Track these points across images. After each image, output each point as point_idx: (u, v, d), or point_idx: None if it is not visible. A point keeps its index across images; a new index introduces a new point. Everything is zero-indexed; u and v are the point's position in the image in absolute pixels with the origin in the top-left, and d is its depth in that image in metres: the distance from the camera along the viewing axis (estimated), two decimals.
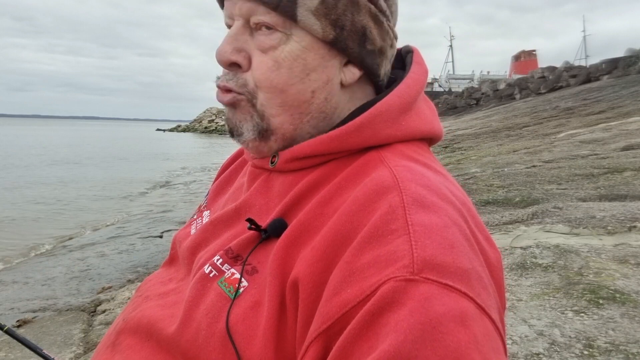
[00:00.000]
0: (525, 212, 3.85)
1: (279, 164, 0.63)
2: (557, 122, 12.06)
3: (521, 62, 67.76)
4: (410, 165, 0.56)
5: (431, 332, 0.39)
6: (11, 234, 7.75)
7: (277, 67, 0.58)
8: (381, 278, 0.44)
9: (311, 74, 0.59)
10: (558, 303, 2.15)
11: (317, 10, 0.56)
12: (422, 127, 0.63)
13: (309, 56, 0.58)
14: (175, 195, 12.04)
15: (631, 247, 2.77)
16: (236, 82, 0.60)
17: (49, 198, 11.31)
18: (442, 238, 0.46)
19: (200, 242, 0.68)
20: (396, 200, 0.50)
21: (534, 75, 26.44)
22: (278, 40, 0.58)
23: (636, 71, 19.04)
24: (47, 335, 3.43)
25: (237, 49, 0.59)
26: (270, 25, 0.57)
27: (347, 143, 0.59)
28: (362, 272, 0.45)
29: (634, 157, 5.71)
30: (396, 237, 0.46)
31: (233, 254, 0.59)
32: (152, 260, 6.12)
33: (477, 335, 0.41)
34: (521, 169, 6.21)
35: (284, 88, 0.59)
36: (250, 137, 0.62)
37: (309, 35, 0.58)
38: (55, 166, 19.14)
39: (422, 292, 0.42)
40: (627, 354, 1.70)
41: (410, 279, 0.43)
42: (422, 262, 0.43)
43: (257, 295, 0.54)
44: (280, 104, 0.60)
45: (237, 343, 0.51)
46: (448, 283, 0.43)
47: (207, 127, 75.72)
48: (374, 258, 0.46)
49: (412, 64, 0.67)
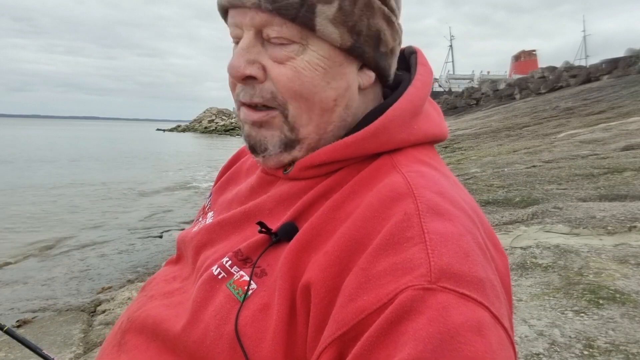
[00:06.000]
0: (525, 212, 3.85)
1: (294, 172, 0.62)
2: (557, 122, 12.06)
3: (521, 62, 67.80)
4: (422, 171, 0.56)
5: (450, 341, 0.40)
6: (11, 233, 7.75)
7: (298, 76, 0.57)
8: (398, 286, 0.44)
9: (331, 82, 0.58)
10: (558, 303, 2.15)
11: (335, 18, 0.56)
12: (432, 130, 0.63)
13: (327, 64, 0.58)
14: (176, 195, 12.04)
15: (631, 247, 2.77)
16: (262, 96, 0.58)
17: (49, 198, 11.31)
18: (458, 247, 0.46)
19: (205, 242, 0.67)
20: (411, 208, 0.50)
21: (534, 75, 26.44)
22: (295, 52, 0.57)
23: (636, 71, 19.04)
24: (47, 335, 3.43)
25: (250, 61, 0.58)
26: (286, 38, 0.56)
27: (362, 149, 0.59)
28: (378, 279, 0.45)
29: (634, 157, 5.72)
30: (412, 245, 0.46)
31: (243, 256, 0.59)
32: (152, 260, 6.12)
33: (492, 344, 0.41)
34: (521, 169, 6.21)
35: (309, 96, 0.58)
36: (276, 152, 0.61)
37: (327, 44, 0.57)
38: (55, 166, 19.13)
39: (440, 301, 0.42)
40: (627, 354, 1.70)
41: (428, 287, 0.43)
42: (439, 271, 0.44)
43: (266, 298, 0.53)
44: (308, 112, 0.59)
45: (246, 346, 0.51)
46: (465, 292, 0.43)
47: (207, 127, 75.70)
48: (390, 265, 0.46)
49: (417, 66, 0.66)
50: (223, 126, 73.88)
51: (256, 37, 0.58)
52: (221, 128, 73.17)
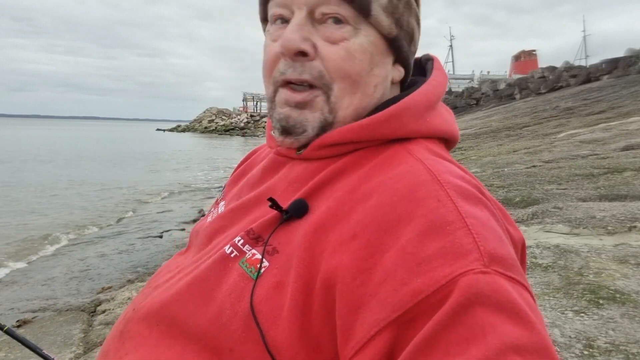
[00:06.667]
0: (525, 212, 3.85)
1: (307, 152, 0.63)
2: (557, 122, 12.06)
3: (521, 62, 67.73)
4: (437, 158, 0.58)
5: (520, 320, 0.43)
6: (11, 233, 7.75)
7: (350, 57, 0.59)
8: (454, 270, 0.45)
9: (374, 69, 0.61)
10: (558, 303, 2.15)
11: (386, 7, 0.59)
12: (443, 127, 0.65)
13: (374, 51, 0.60)
14: (176, 195, 12.04)
15: (631, 247, 2.76)
16: (311, 74, 0.59)
17: (48, 198, 11.31)
18: (494, 231, 0.49)
19: (217, 229, 0.68)
20: (441, 193, 0.51)
21: (534, 75, 26.42)
22: (349, 33, 0.59)
23: (636, 71, 19.03)
24: (47, 335, 3.43)
25: (304, 37, 0.59)
26: (341, 17, 0.58)
27: (375, 132, 0.60)
28: (429, 262, 0.46)
29: (634, 157, 5.71)
30: (455, 229, 0.48)
31: (254, 235, 0.60)
32: (152, 260, 6.12)
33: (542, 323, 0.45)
34: (521, 169, 6.21)
35: (357, 79, 0.60)
36: (314, 134, 0.62)
37: (375, 31, 0.60)
38: (54, 166, 19.13)
39: (501, 285, 0.44)
40: (627, 354, 1.70)
41: (485, 271, 0.45)
42: (489, 256, 0.46)
43: (279, 276, 0.54)
44: (351, 95, 0.60)
45: (261, 323, 0.51)
46: (512, 276, 0.46)
47: (207, 127, 75.69)
48: (439, 249, 0.47)
49: (433, 70, 0.69)
50: (223, 126, 73.87)
51: (307, 17, 0.59)
52: (221, 128, 73.15)
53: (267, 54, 0.63)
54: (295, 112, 0.62)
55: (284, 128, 0.63)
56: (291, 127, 0.62)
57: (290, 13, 0.60)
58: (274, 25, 0.63)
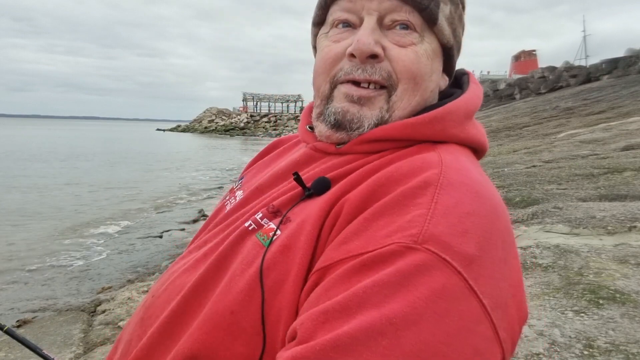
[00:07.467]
0: (525, 212, 3.85)
1: (348, 146, 0.64)
2: (557, 122, 12.06)
3: (521, 62, 67.71)
4: (458, 158, 0.59)
5: (402, 292, 0.43)
6: (11, 233, 7.74)
7: (418, 59, 0.63)
8: (386, 242, 0.47)
9: (433, 75, 0.65)
10: (558, 303, 2.15)
11: (448, 18, 0.64)
12: (479, 137, 0.67)
13: (435, 58, 0.65)
14: (176, 195, 12.03)
15: (631, 247, 2.76)
16: (381, 75, 0.62)
17: (48, 198, 11.31)
18: (459, 223, 0.48)
19: (238, 208, 0.70)
20: (433, 178, 0.52)
21: (534, 75, 26.42)
22: (416, 39, 0.63)
23: (636, 71, 19.04)
24: (47, 335, 3.43)
25: (376, 41, 0.62)
26: (409, 24, 0.62)
27: (417, 132, 0.62)
28: (375, 231, 0.49)
29: (634, 157, 5.71)
30: (416, 210, 0.49)
31: (274, 209, 0.62)
32: (152, 260, 6.12)
33: (449, 309, 0.43)
34: (521, 169, 6.21)
35: (419, 81, 0.63)
36: (366, 131, 0.63)
37: (436, 40, 0.65)
38: (54, 166, 19.13)
39: (418, 258, 0.45)
40: (627, 354, 1.70)
41: (412, 247, 0.46)
42: (429, 236, 0.46)
43: (286, 241, 0.56)
44: (411, 96, 0.63)
45: (267, 288, 0.53)
46: (446, 258, 0.45)
47: (207, 127, 75.66)
48: (389, 222, 0.49)
49: (469, 83, 0.72)
50: (223, 126, 73.86)
51: (377, 22, 0.62)
52: (221, 128, 73.14)
53: (327, 54, 0.66)
54: (354, 108, 0.63)
55: (338, 122, 0.64)
56: (347, 121, 0.63)
57: (356, 18, 0.64)
58: (336, 29, 0.66)
